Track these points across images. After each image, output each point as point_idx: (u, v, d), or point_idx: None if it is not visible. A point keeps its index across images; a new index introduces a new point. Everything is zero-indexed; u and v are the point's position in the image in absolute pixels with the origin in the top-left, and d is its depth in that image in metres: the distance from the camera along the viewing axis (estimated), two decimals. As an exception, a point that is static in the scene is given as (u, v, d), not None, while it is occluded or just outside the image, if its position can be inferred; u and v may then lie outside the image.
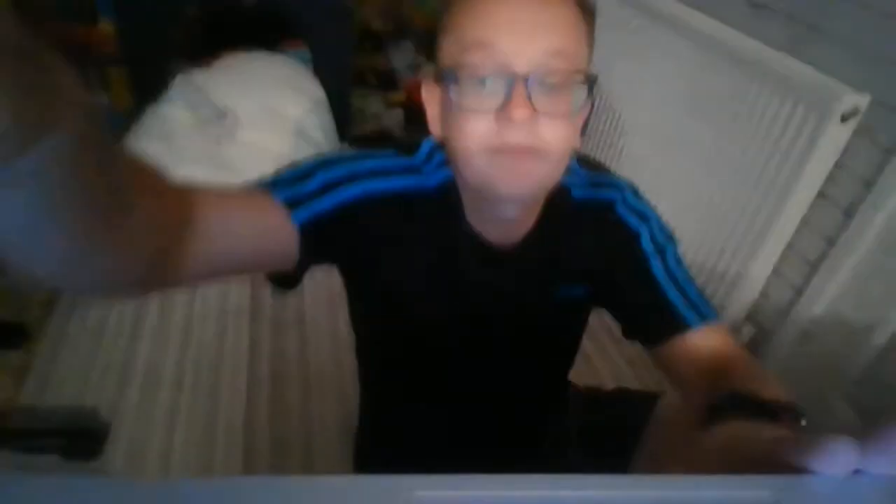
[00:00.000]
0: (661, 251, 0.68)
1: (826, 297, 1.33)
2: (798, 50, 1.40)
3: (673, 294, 0.66)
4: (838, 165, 1.31)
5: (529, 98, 0.52)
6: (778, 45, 1.45)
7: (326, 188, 0.60)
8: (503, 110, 0.52)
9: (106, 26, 2.04)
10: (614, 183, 0.70)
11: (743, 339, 1.57)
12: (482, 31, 0.53)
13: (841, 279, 1.29)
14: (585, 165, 0.71)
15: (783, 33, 1.44)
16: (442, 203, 0.65)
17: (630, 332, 0.71)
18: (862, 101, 1.24)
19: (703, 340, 0.64)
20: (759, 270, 1.48)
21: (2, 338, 1.41)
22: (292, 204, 0.58)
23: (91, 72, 2.16)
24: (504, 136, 0.54)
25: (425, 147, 0.67)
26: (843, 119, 1.24)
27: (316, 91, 2.01)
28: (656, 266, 0.67)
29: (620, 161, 2.05)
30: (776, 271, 1.48)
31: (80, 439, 1.22)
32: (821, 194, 1.35)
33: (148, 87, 1.90)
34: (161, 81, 1.88)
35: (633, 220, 0.68)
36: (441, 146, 0.64)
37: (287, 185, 0.59)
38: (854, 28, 1.26)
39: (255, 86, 1.83)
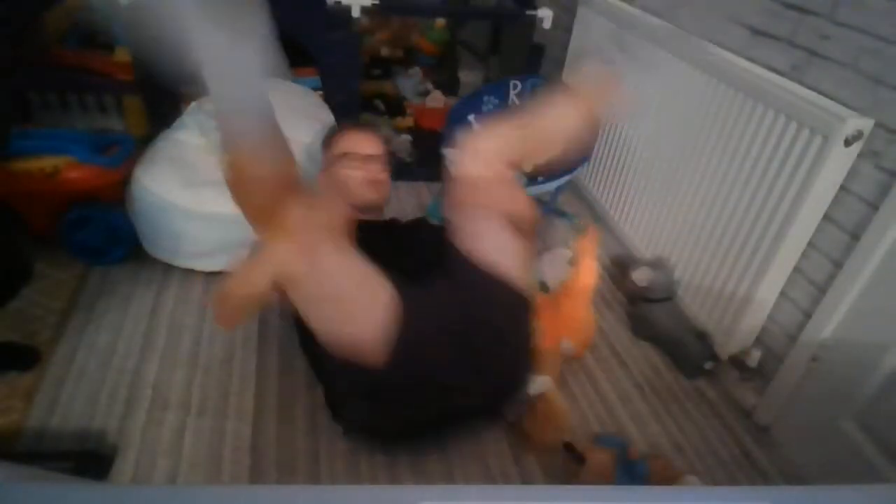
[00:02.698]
0: None
1: (835, 319, 1.32)
2: (800, 75, 1.42)
3: None
4: (843, 188, 1.32)
5: (373, 162, 1.59)
6: (780, 70, 1.47)
7: None
8: (367, 166, 1.57)
9: (122, 54, 2.09)
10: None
11: (752, 363, 1.55)
12: (351, 143, 1.60)
13: (849, 301, 1.29)
14: None
15: (785, 59, 1.46)
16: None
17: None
18: (865, 124, 1.25)
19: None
20: (767, 294, 1.48)
21: (13, 360, 1.42)
22: None
23: (109, 98, 2.22)
24: (370, 175, 1.56)
25: None
26: (847, 143, 1.25)
27: (325, 116, 2.04)
28: None
29: (627, 185, 2.07)
30: (784, 294, 1.47)
31: (86, 462, 1.23)
32: (826, 217, 1.36)
33: (162, 114, 1.94)
34: (175, 108, 1.93)
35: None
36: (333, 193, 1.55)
37: None
38: (855, 53, 1.28)
39: (265, 112, 1.86)
